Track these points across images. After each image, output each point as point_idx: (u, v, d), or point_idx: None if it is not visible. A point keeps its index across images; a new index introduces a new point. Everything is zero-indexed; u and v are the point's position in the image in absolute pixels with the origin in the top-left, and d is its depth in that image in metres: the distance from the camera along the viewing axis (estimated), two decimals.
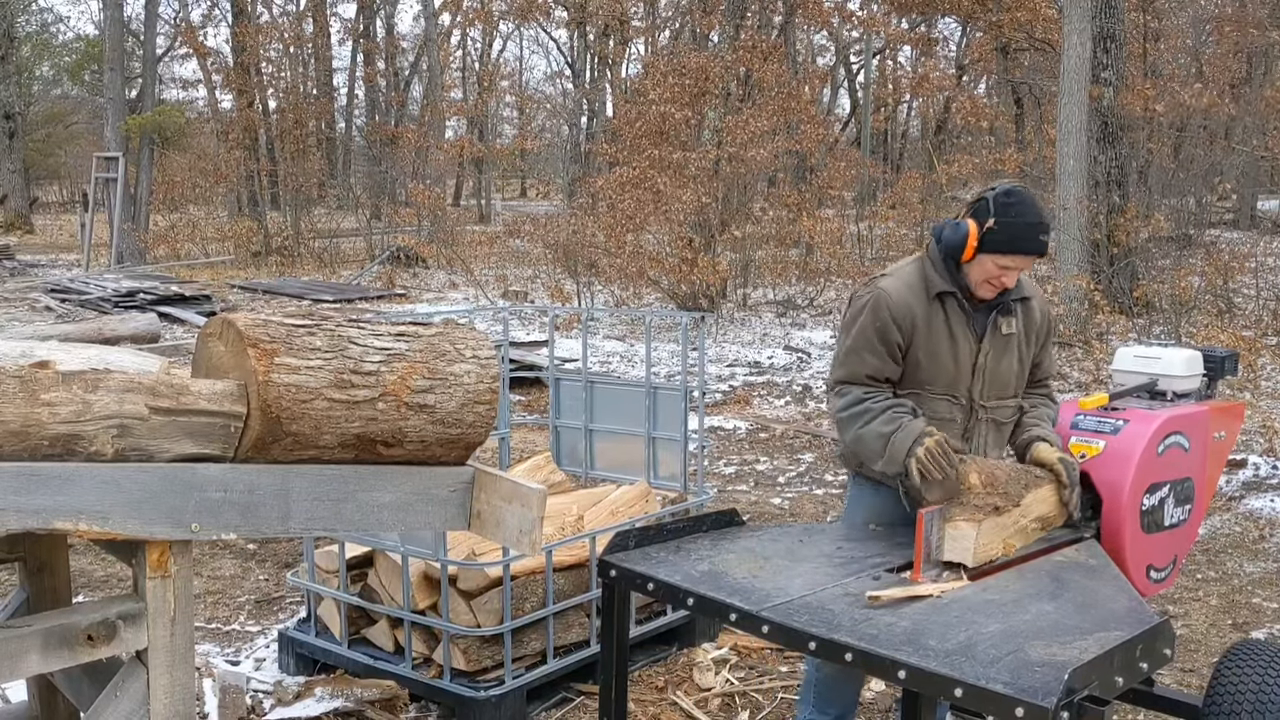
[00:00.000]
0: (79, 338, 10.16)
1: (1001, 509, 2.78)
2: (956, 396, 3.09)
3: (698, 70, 14.81)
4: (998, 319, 3.09)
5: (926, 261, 3.09)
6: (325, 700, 3.68)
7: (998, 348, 3.11)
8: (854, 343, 3.07)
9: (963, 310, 3.06)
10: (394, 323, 2.30)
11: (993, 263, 2.96)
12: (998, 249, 2.95)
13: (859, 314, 3.07)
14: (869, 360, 3.04)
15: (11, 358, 2.06)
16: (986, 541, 2.72)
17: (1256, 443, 7.14)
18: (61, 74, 40.42)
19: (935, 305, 3.04)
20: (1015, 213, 2.94)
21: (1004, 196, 2.97)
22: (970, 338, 3.08)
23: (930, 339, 3.04)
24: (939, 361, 3.05)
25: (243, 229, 21.75)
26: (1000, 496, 2.80)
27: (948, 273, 3.05)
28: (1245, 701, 2.84)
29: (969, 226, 2.97)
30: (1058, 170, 12.38)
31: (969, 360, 3.08)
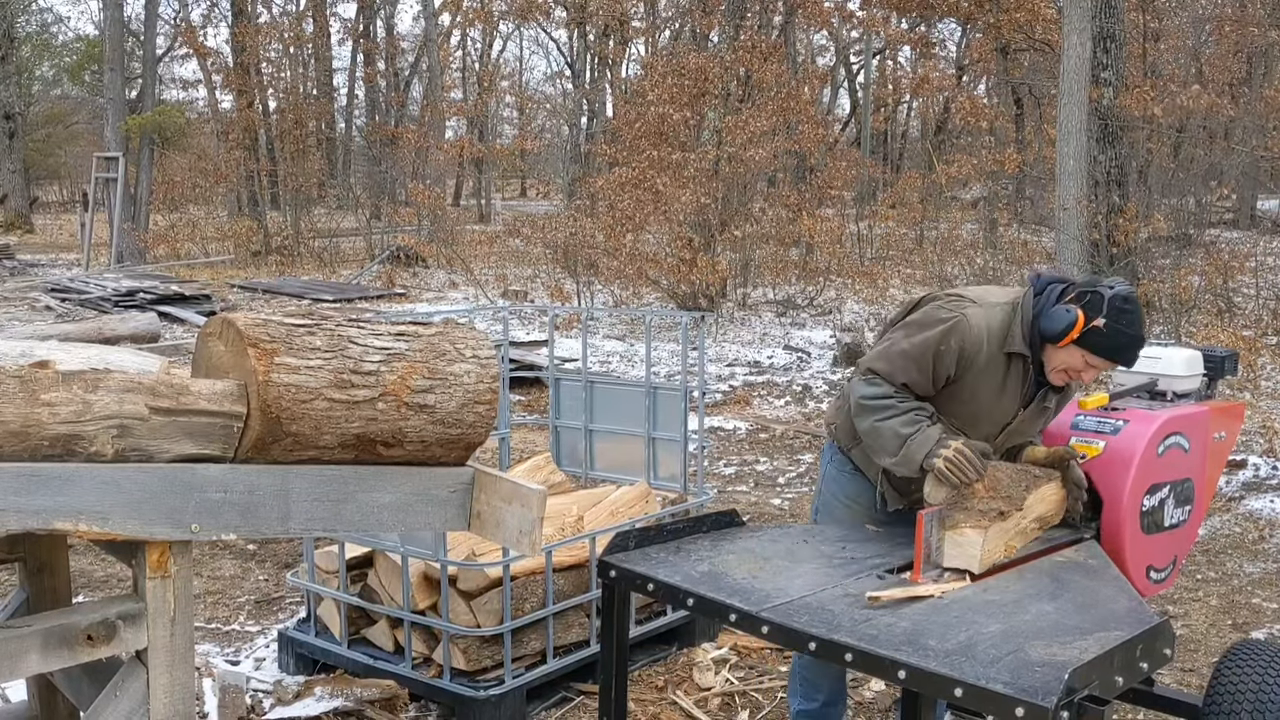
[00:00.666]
0: (79, 337, 10.16)
1: (1006, 513, 2.77)
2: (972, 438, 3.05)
3: (697, 70, 14.80)
4: (1047, 393, 3.08)
5: (1018, 314, 3.01)
6: (325, 700, 3.68)
7: (1034, 415, 3.11)
8: (911, 349, 2.99)
9: (1024, 376, 3.02)
10: (394, 322, 2.30)
11: (1083, 358, 2.91)
12: (1097, 350, 2.89)
13: (932, 327, 2.98)
14: (913, 373, 2.99)
15: (11, 357, 2.06)
16: (992, 547, 2.72)
17: (1256, 443, 7.14)
18: (61, 74, 40.42)
19: (1002, 359, 2.99)
20: (1127, 322, 2.87)
21: (1121, 301, 2.88)
22: (1016, 403, 3.06)
23: (980, 385, 3.01)
24: (977, 405, 3.04)
25: (243, 229, 21.74)
26: (1003, 500, 2.80)
27: (1032, 338, 2.98)
28: (1245, 701, 2.84)
29: (1077, 317, 2.88)
30: (1058, 170, 12.38)
31: (1004, 419, 3.07)
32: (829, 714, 3.37)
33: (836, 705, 3.38)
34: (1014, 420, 3.08)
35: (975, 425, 3.04)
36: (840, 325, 12.51)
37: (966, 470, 2.79)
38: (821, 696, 3.33)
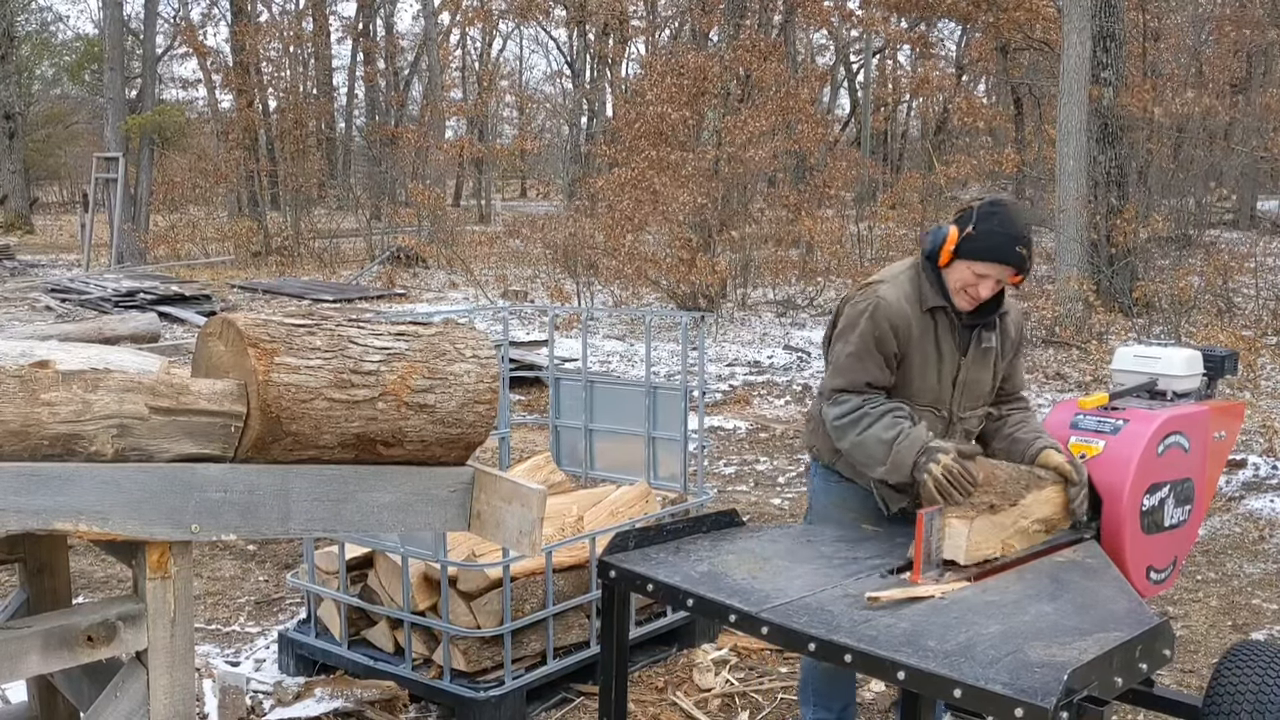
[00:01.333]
0: (79, 337, 10.16)
1: (997, 507, 2.78)
2: (939, 409, 3.11)
3: (697, 70, 14.80)
4: (981, 333, 3.11)
5: (921, 271, 3.09)
6: (325, 701, 3.68)
7: (978, 361, 3.13)
8: (855, 350, 3.04)
9: (951, 325, 3.08)
10: (394, 322, 2.30)
11: (969, 269, 2.97)
12: (974, 255, 2.95)
13: (858, 321, 3.04)
14: (869, 368, 3.03)
15: (11, 357, 2.06)
16: (981, 539, 2.72)
17: (1256, 443, 7.14)
18: (61, 74, 40.43)
19: (927, 318, 3.06)
20: (996, 222, 2.95)
21: (988, 206, 3.00)
22: (954, 353, 3.10)
23: (921, 352, 3.06)
24: (925, 375, 3.08)
25: (243, 229, 21.74)
26: (997, 495, 2.80)
27: (940, 285, 3.05)
28: (1245, 702, 2.84)
29: (950, 231, 2.99)
30: (1057, 170, 12.39)
31: (951, 375, 3.11)
32: (845, 717, 3.37)
33: (850, 708, 3.39)
34: (960, 371, 3.11)
35: (932, 392, 3.10)
36: None
37: (962, 485, 2.79)
38: (837, 706, 3.33)
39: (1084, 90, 11.90)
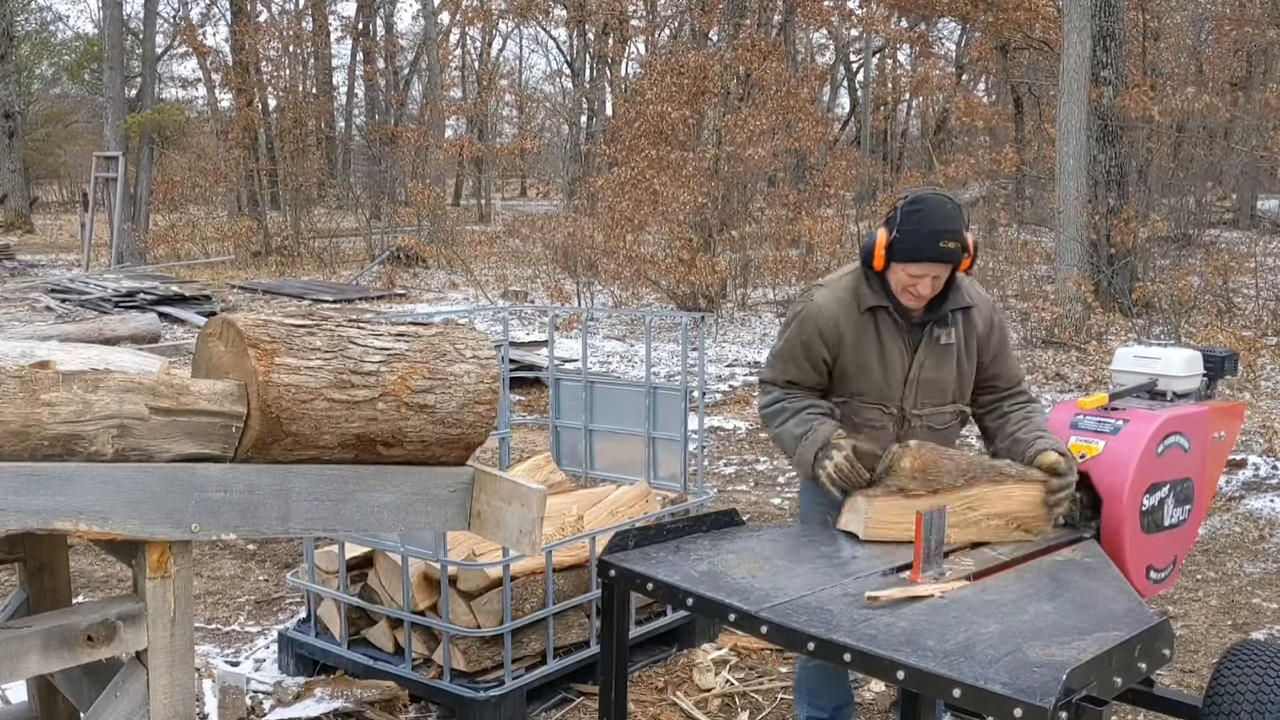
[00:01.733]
0: (79, 337, 10.16)
1: (909, 492, 2.83)
2: (888, 407, 3.13)
3: (696, 69, 14.80)
4: (934, 330, 3.10)
5: (861, 272, 3.12)
6: (325, 701, 3.68)
7: (935, 358, 3.13)
8: (781, 349, 3.16)
9: (895, 323, 3.08)
10: (394, 323, 2.30)
11: (903, 271, 2.99)
12: (903, 258, 2.97)
13: (790, 324, 3.15)
14: (790, 369, 3.14)
15: (12, 357, 2.06)
16: (888, 519, 2.82)
17: (1256, 443, 7.14)
18: (61, 73, 40.43)
19: (866, 318, 3.08)
20: (917, 220, 2.95)
21: (908, 205, 2.99)
22: (903, 350, 3.10)
23: (859, 352, 3.09)
24: (868, 373, 3.10)
25: (242, 229, 21.74)
26: (921, 482, 2.85)
27: (882, 285, 3.07)
28: (1245, 702, 2.84)
29: (879, 235, 3.02)
30: (1057, 170, 12.39)
31: (900, 373, 3.11)
32: (839, 717, 3.38)
33: (845, 708, 3.40)
34: (914, 369, 3.12)
35: (878, 390, 3.12)
36: None
37: (850, 482, 2.91)
38: (831, 704, 3.35)
39: (1084, 90, 11.90)
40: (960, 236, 2.98)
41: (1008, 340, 3.29)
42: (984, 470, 2.93)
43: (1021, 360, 10.29)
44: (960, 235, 2.98)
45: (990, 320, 3.21)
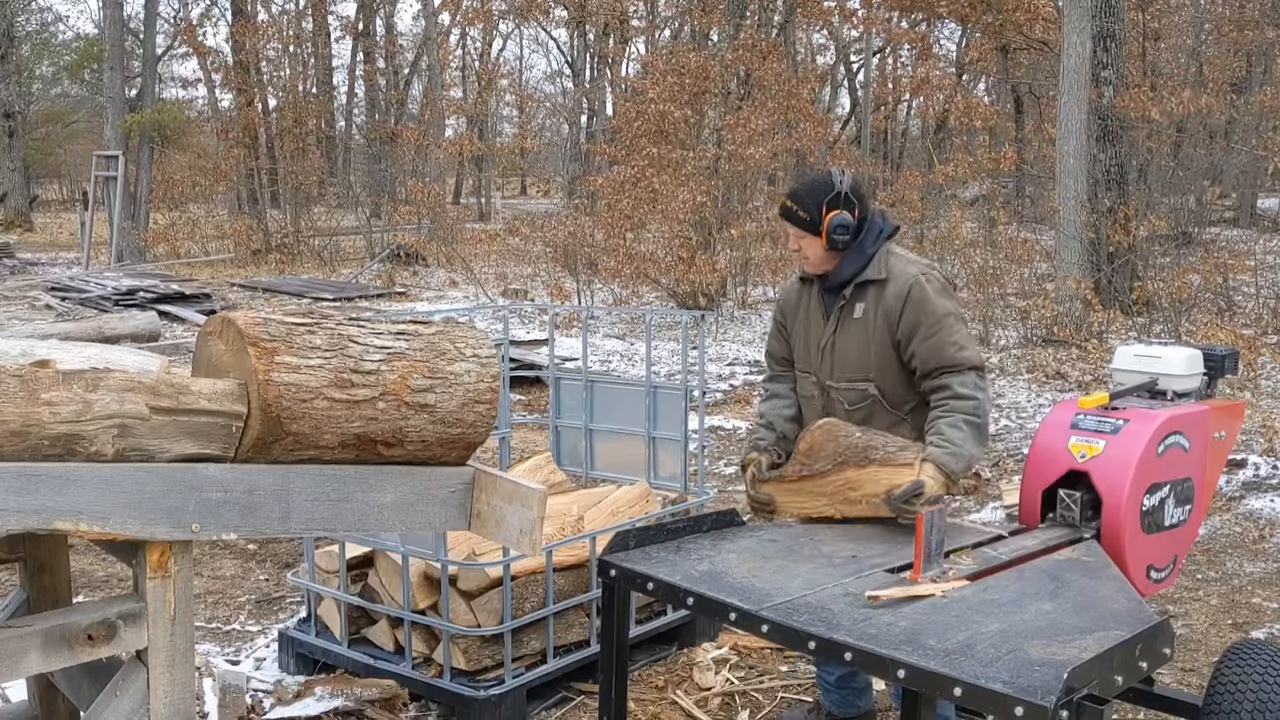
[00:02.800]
0: (79, 336, 10.17)
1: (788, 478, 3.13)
2: (812, 376, 3.33)
3: (697, 69, 14.80)
4: (851, 302, 3.22)
5: None
6: (325, 699, 3.68)
7: (846, 330, 3.23)
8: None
9: (821, 294, 3.30)
10: (394, 321, 2.30)
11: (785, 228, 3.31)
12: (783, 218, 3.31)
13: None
14: (770, 340, 3.51)
15: (12, 356, 2.06)
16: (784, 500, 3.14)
17: (1256, 442, 7.13)
18: (61, 73, 40.43)
19: (805, 288, 3.37)
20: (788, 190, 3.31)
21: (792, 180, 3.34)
22: (821, 319, 3.29)
23: (796, 320, 3.38)
24: (799, 341, 3.37)
25: (242, 227, 21.74)
26: (802, 465, 3.10)
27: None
28: (1245, 701, 2.84)
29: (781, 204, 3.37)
30: (1058, 169, 12.39)
31: (818, 342, 3.29)
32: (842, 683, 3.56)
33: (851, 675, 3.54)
34: (826, 338, 3.26)
35: (804, 358, 3.36)
36: None
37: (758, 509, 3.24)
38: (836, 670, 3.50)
39: (1084, 90, 11.90)
40: (805, 203, 3.19)
41: (928, 319, 3.14)
42: (855, 454, 3.03)
43: (1021, 359, 10.34)
44: (805, 202, 3.19)
45: (905, 295, 3.14)
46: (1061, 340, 10.64)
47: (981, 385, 3.13)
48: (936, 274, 3.23)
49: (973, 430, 3.07)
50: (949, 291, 3.22)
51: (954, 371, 3.12)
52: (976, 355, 3.16)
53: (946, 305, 3.15)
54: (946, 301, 3.16)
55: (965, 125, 21.19)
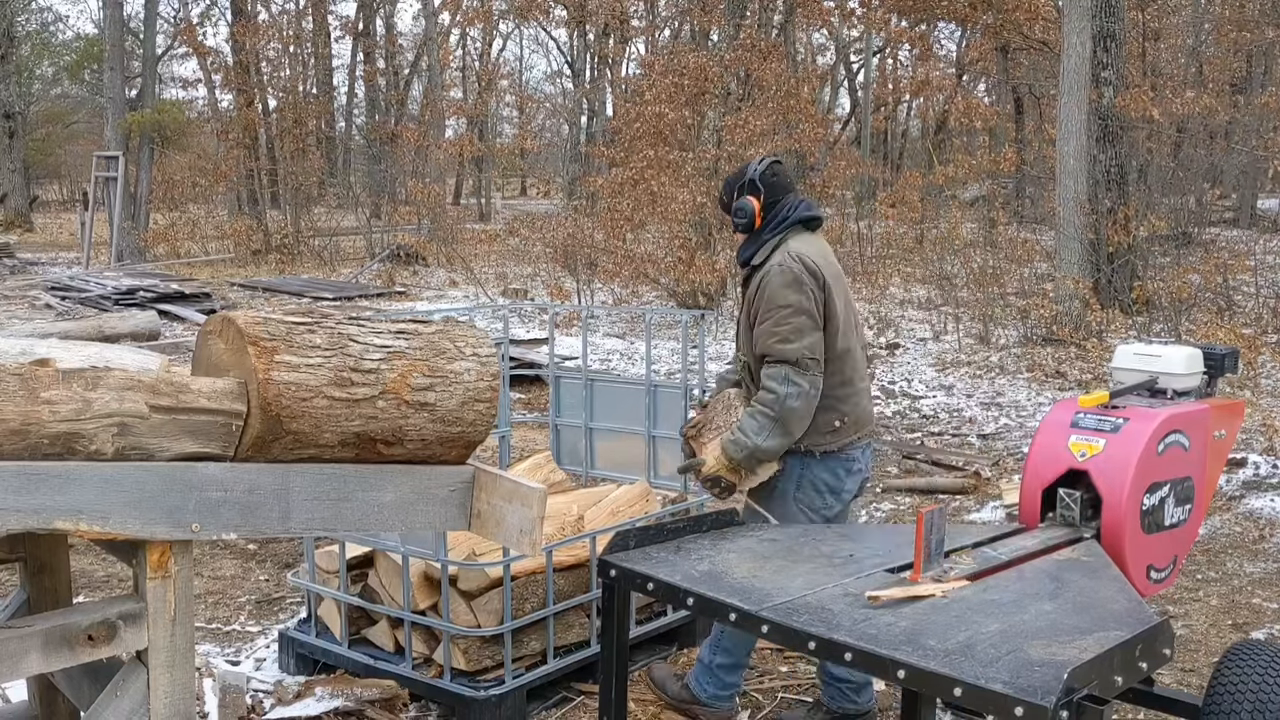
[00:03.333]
0: (79, 335, 10.16)
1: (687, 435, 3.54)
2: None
3: (697, 70, 14.80)
4: (745, 285, 3.52)
5: None
6: (325, 700, 3.68)
7: (741, 311, 3.53)
8: None
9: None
10: (394, 320, 2.30)
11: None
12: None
13: None
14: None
15: (11, 355, 2.06)
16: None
17: (1257, 441, 7.13)
18: (61, 73, 40.42)
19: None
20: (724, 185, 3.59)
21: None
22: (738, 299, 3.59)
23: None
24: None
25: (242, 227, 21.74)
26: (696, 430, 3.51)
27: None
28: (1245, 701, 2.84)
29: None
30: (1058, 169, 12.38)
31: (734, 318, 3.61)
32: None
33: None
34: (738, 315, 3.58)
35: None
36: None
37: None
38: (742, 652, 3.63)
39: (1084, 90, 11.89)
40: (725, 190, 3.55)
41: (765, 308, 3.33)
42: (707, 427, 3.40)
43: (1021, 358, 10.33)
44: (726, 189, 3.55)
45: (759, 282, 3.39)
46: (1061, 339, 10.64)
47: (791, 379, 3.26)
48: (795, 267, 3.32)
49: (764, 421, 3.27)
50: (798, 285, 3.29)
51: (770, 363, 3.32)
52: (795, 351, 3.26)
53: (786, 297, 3.28)
54: (788, 293, 3.28)
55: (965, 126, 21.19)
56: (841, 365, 3.39)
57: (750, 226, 3.45)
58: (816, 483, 3.45)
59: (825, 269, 3.37)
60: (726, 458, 3.32)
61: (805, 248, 3.40)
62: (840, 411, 3.40)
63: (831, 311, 3.35)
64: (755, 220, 3.44)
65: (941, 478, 6.91)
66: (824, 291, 3.32)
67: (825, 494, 3.47)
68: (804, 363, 3.27)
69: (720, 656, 3.56)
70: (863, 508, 6.37)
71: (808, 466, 3.43)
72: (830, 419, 3.39)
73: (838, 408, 3.40)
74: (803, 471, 3.44)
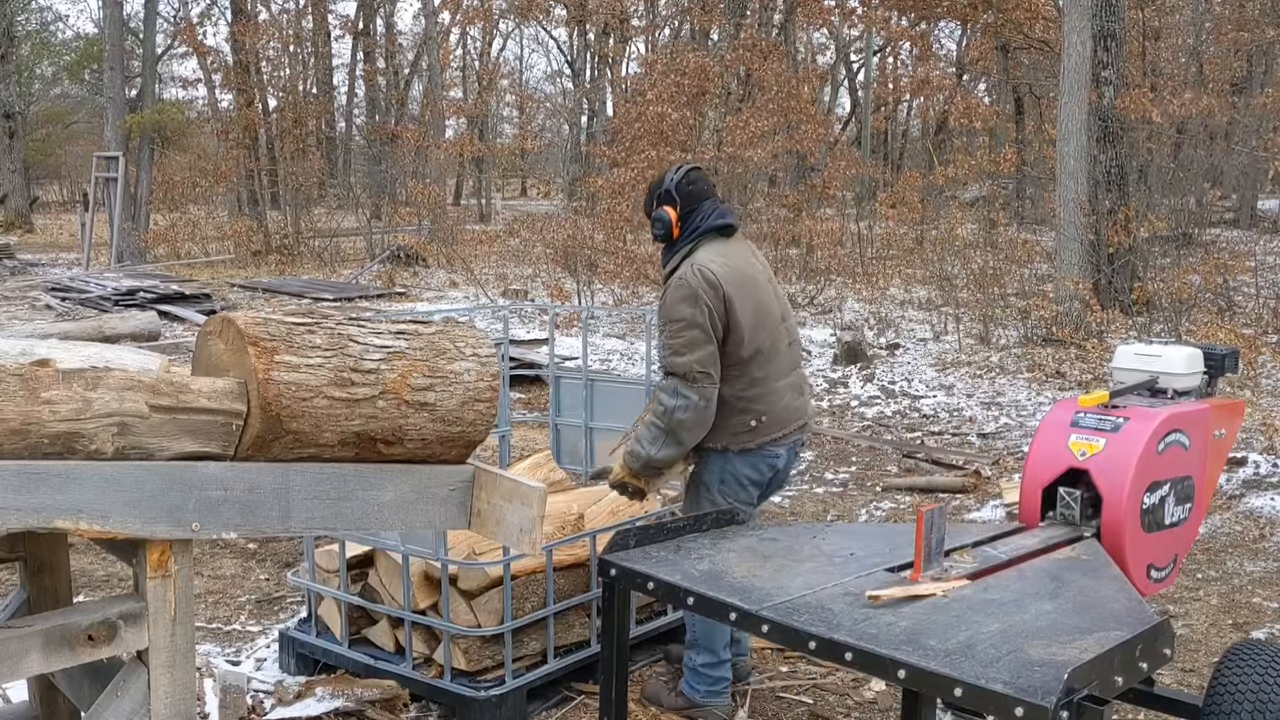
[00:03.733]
0: (79, 336, 10.17)
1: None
2: None
3: (697, 69, 14.81)
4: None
5: None
6: (326, 700, 3.68)
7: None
8: None
9: None
10: (394, 321, 2.30)
11: None
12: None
13: None
14: None
15: (12, 356, 2.06)
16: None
17: (1257, 441, 7.13)
18: (61, 73, 40.43)
19: None
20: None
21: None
22: None
23: None
24: None
25: (242, 228, 21.74)
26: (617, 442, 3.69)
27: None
28: (1245, 701, 2.84)
29: None
30: (1058, 170, 12.38)
31: None
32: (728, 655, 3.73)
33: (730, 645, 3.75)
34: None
35: None
36: (840, 324, 12.52)
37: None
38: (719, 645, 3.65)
39: (1084, 90, 11.89)
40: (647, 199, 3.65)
41: (661, 320, 3.46)
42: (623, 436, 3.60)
43: (1021, 358, 10.33)
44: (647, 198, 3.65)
45: (666, 297, 3.46)
46: (1061, 340, 10.64)
47: (680, 392, 3.34)
48: (693, 280, 3.38)
49: (655, 432, 3.39)
50: (693, 299, 3.35)
51: (665, 374, 3.42)
52: (685, 364, 3.34)
53: (679, 311, 3.36)
54: (682, 308, 3.36)
55: (965, 126, 21.19)
56: (749, 368, 3.46)
57: (668, 236, 3.54)
58: (739, 477, 3.59)
59: (730, 277, 3.42)
60: (626, 464, 3.49)
61: (712, 257, 3.46)
62: (754, 412, 3.49)
63: (734, 321, 3.40)
64: (673, 229, 3.53)
65: (941, 477, 6.91)
66: (724, 302, 3.38)
67: (749, 487, 3.63)
68: (693, 375, 3.35)
69: (701, 656, 3.65)
70: (863, 507, 6.37)
71: (729, 462, 3.57)
72: (745, 420, 3.49)
73: (751, 408, 3.48)
74: (725, 466, 3.57)
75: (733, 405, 3.45)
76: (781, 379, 3.55)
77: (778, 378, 3.54)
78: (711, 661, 3.65)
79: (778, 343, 3.55)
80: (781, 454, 3.61)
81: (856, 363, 10.31)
